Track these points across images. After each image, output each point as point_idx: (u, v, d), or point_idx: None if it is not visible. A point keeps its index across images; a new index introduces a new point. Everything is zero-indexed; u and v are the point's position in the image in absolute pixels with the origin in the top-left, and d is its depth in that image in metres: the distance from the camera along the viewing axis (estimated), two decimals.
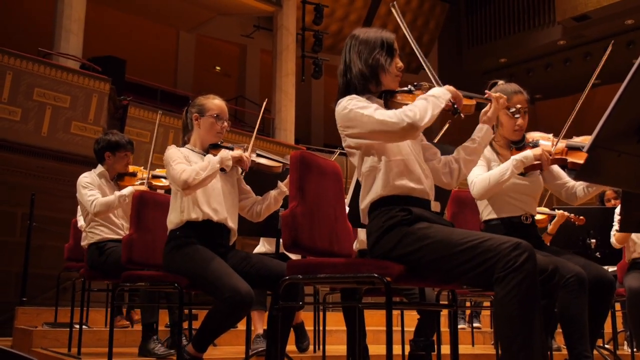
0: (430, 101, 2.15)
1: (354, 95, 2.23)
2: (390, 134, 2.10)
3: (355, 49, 2.30)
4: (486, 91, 2.51)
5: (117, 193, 3.82)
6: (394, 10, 2.43)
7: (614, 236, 4.30)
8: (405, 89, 2.33)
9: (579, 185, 3.07)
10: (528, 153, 2.83)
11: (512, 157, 2.83)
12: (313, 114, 16.14)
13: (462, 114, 2.29)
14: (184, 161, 2.88)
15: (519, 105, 2.55)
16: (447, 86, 2.27)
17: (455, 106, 2.25)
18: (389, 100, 2.29)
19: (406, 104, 2.22)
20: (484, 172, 2.89)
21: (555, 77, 15.83)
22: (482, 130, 2.43)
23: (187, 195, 2.86)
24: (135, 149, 4.19)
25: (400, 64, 2.33)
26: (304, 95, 15.14)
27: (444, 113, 2.27)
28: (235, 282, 2.61)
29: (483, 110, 2.46)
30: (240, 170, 3.04)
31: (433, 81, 2.37)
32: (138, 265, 3.22)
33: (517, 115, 2.61)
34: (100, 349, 3.98)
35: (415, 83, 2.36)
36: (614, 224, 4.34)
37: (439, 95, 2.19)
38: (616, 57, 15.87)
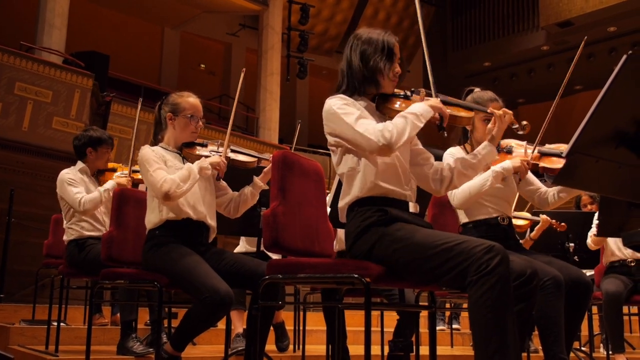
0: (409, 121, 2.12)
1: (343, 96, 2.23)
2: (365, 148, 2.11)
3: (357, 49, 2.30)
4: (490, 109, 2.48)
5: (100, 188, 3.80)
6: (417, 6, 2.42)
7: (590, 237, 4.36)
8: (402, 94, 2.32)
9: (551, 191, 3.11)
10: (507, 164, 2.86)
11: (492, 168, 2.86)
12: (297, 113, 16.14)
13: (445, 133, 2.26)
14: (162, 165, 2.85)
15: (524, 123, 2.54)
16: (432, 101, 2.22)
17: (442, 121, 2.20)
18: (381, 104, 2.29)
19: (397, 112, 2.22)
20: None
21: (539, 82, 15.99)
22: (485, 149, 2.37)
23: (166, 205, 2.84)
24: (118, 146, 4.17)
25: (398, 69, 2.31)
26: (289, 95, 15.15)
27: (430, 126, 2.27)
28: (214, 283, 2.60)
29: (488, 128, 2.42)
30: (216, 174, 2.99)
31: (431, 86, 2.36)
32: (118, 262, 3.19)
33: (520, 132, 2.61)
34: (78, 347, 3.95)
35: (412, 89, 2.35)
36: (592, 226, 4.40)
37: (420, 113, 2.15)
38: (598, 63, 16.09)
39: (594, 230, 4.36)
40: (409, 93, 2.32)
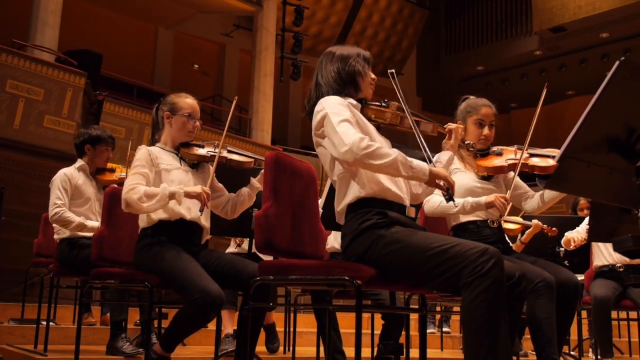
0: (398, 160, 2.07)
1: (337, 97, 2.24)
2: (334, 149, 2.11)
3: (330, 60, 2.36)
4: (446, 125, 2.53)
5: (84, 222, 3.76)
6: (391, 77, 2.41)
7: (565, 237, 4.40)
8: (377, 103, 2.36)
9: (538, 194, 3.14)
10: (480, 200, 2.88)
11: (465, 200, 2.90)
12: (290, 115, 16.14)
13: (454, 203, 2.28)
14: (143, 171, 2.82)
15: (469, 142, 2.62)
16: (440, 170, 2.17)
17: (449, 190, 2.15)
18: (364, 106, 2.33)
19: (378, 111, 2.28)
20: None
21: (531, 87, 16.04)
22: (446, 155, 2.46)
23: (125, 211, 2.80)
24: None
25: (373, 76, 2.38)
26: (282, 97, 15.14)
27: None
28: (205, 284, 2.59)
29: (445, 140, 2.50)
30: (199, 205, 2.87)
31: (402, 103, 2.36)
32: (108, 262, 3.18)
33: (470, 149, 2.68)
34: (67, 346, 3.93)
35: (385, 100, 2.37)
36: (578, 228, 4.44)
37: (415, 168, 2.11)
38: (590, 69, 16.15)
39: (577, 231, 4.39)
40: (383, 104, 2.35)
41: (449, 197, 2.16)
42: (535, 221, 4.45)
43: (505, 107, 16.66)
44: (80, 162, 4.00)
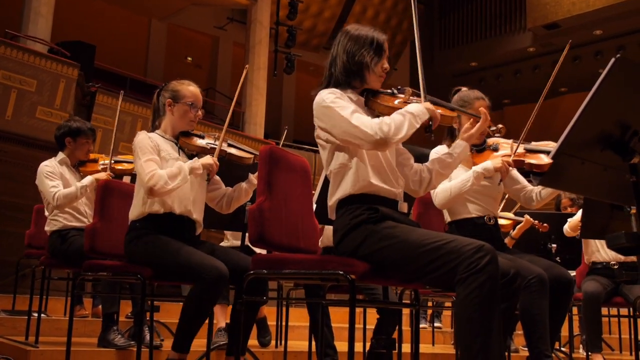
0: (407, 119, 2.13)
1: (335, 90, 2.23)
2: (361, 142, 2.11)
3: (344, 43, 2.31)
4: (475, 108, 2.52)
5: (78, 184, 3.76)
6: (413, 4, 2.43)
7: (568, 223, 4.41)
8: (389, 91, 2.34)
9: (535, 190, 3.14)
10: (488, 165, 2.88)
11: (473, 169, 2.88)
12: (284, 109, 16.11)
13: (432, 136, 2.30)
14: (154, 156, 2.81)
15: (500, 126, 2.58)
16: (427, 104, 2.24)
17: (431, 125, 2.22)
18: (369, 99, 2.30)
19: (386, 106, 2.24)
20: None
21: (524, 83, 16.08)
22: (460, 147, 2.43)
23: (151, 199, 2.79)
24: (102, 137, 4.13)
25: (386, 65, 2.33)
26: (275, 90, 15.11)
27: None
28: (209, 261, 2.57)
29: (465, 127, 2.47)
30: (206, 174, 2.94)
31: (421, 87, 2.35)
32: (101, 254, 3.17)
33: (497, 135, 2.65)
34: (58, 338, 3.92)
35: (399, 87, 2.37)
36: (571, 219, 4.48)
37: (418, 114, 2.17)
38: (584, 66, 16.14)
39: (574, 219, 4.42)
40: (395, 91, 2.34)
41: (429, 129, 2.23)
42: (526, 217, 4.46)
43: (498, 103, 16.69)
44: (61, 155, 3.97)
